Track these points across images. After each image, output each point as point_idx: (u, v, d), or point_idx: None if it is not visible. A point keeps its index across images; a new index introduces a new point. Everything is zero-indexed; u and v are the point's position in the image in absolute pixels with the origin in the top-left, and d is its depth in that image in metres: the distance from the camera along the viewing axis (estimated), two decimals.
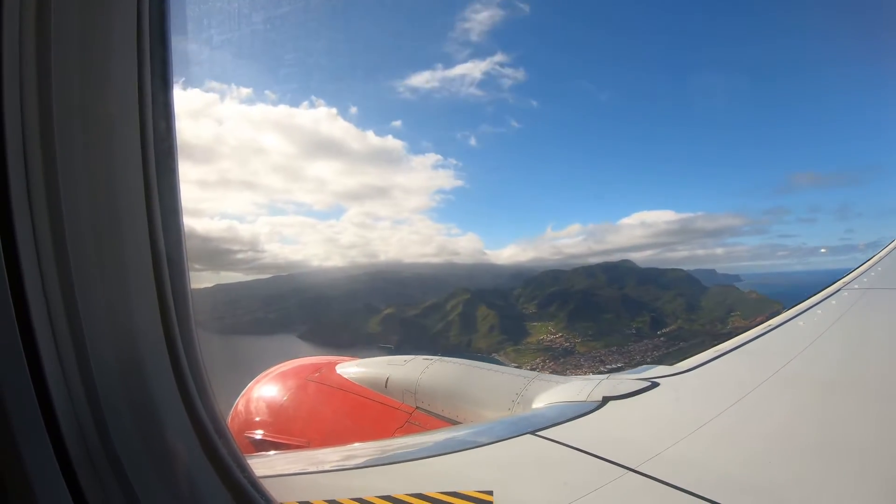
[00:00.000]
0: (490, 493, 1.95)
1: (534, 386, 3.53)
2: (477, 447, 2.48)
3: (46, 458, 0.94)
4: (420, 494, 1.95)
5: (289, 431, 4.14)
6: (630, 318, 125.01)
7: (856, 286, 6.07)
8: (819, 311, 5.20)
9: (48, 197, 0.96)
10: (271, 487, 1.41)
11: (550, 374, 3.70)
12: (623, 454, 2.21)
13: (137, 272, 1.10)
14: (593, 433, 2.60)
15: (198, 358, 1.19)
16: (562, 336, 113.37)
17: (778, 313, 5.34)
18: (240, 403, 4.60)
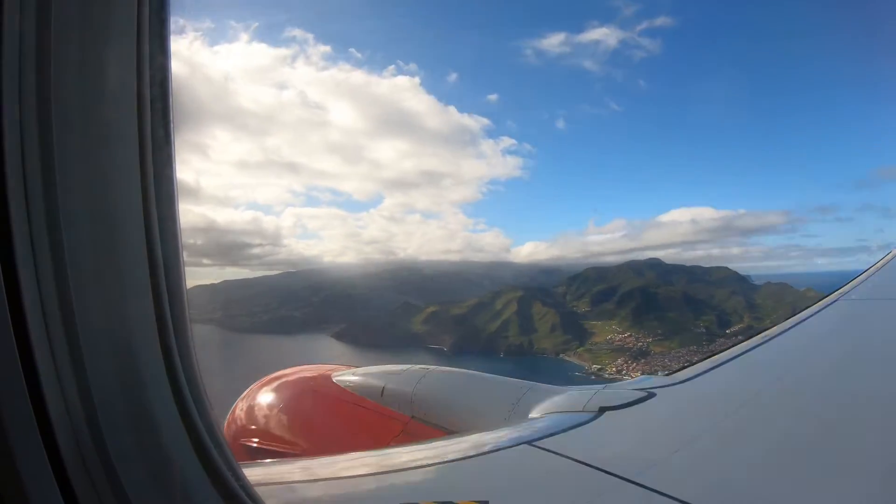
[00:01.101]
0: (486, 503, 1.93)
1: (530, 395, 3.51)
2: (472, 457, 2.47)
3: (40, 463, 0.93)
4: None
5: (284, 439, 4.11)
6: (694, 316, 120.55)
7: (854, 297, 6.07)
8: (817, 322, 5.14)
9: (46, 202, 0.96)
10: (266, 495, 1.41)
11: (546, 384, 3.65)
12: (620, 465, 2.19)
13: (134, 277, 1.09)
14: (590, 444, 2.59)
15: (193, 364, 1.19)
16: (630, 336, 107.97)
17: None
18: (235, 410, 4.56)
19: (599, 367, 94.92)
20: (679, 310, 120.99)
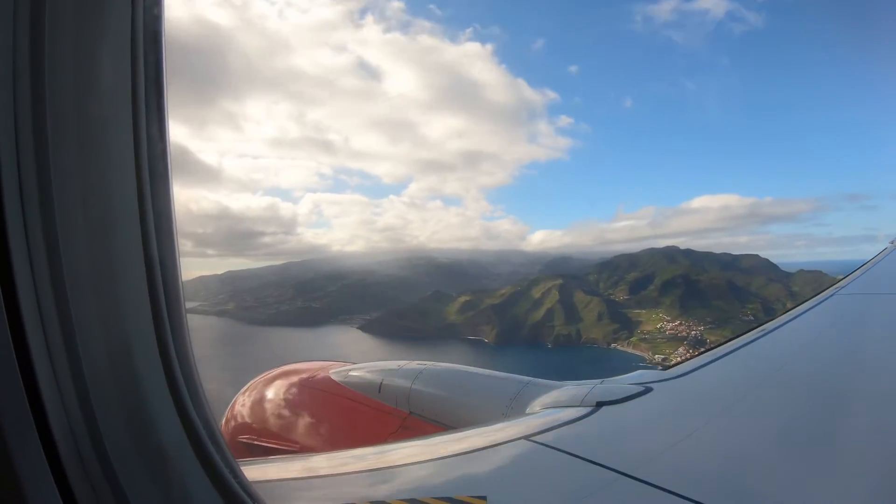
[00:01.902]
0: (484, 498, 1.95)
1: (527, 391, 3.53)
2: (470, 452, 2.48)
3: (38, 462, 0.93)
4: (414, 500, 1.95)
5: (282, 436, 4.12)
6: (740, 304, 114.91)
7: (849, 291, 6.17)
8: (813, 316, 5.21)
9: (41, 200, 0.96)
10: (264, 492, 1.41)
11: (544, 379, 3.67)
12: (617, 459, 2.21)
13: (130, 275, 1.09)
14: (587, 438, 2.61)
15: (190, 361, 1.19)
16: (681, 324, 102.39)
17: None
18: (233, 407, 4.58)
19: (662, 356, 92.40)
20: (724, 298, 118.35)
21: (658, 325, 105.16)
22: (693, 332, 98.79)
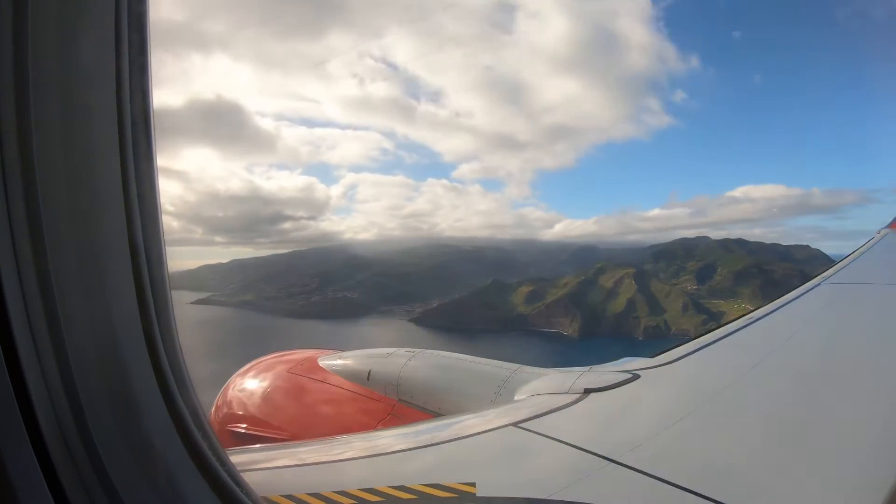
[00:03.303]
0: (473, 484, 1.97)
1: (516, 378, 3.54)
2: (459, 439, 2.50)
3: (27, 456, 0.93)
4: (403, 487, 1.97)
5: (271, 425, 4.11)
6: None
7: (835, 280, 6.28)
8: (799, 306, 5.30)
9: (25, 189, 0.94)
10: (253, 481, 1.42)
11: (532, 367, 3.69)
12: (604, 445, 2.24)
13: (115, 264, 1.08)
14: (575, 425, 2.64)
15: (177, 352, 1.19)
16: None
17: None
18: (222, 397, 4.56)
19: None
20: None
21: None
22: None
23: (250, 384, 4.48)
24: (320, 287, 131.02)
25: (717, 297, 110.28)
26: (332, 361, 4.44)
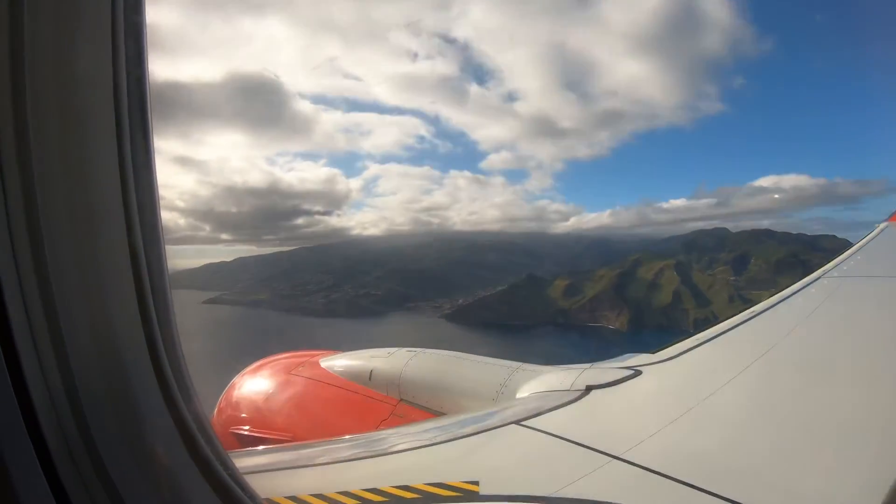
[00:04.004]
0: (476, 483, 1.97)
1: (517, 376, 3.53)
2: (462, 438, 2.50)
3: (28, 459, 0.93)
4: (406, 486, 1.98)
5: (273, 426, 4.11)
6: None
7: (836, 274, 6.30)
8: (800, 300, 5.31)
9: (24, 195, 0.94)
10: (257, 483, 1.42)
11: (533, 364, 3.68)
12: (607, 442, 2.24)
13: (115, 268, 1.08)
14: (577, 422, 2.64)
15: (178, 354, 1.19)
16: None
17: None
18: (224, 399, 4.57)
19: None
20: None
21: None
22: None
23: (252, 386, 4.50)
24: (337, 284, 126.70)
25: (757, 288, 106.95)
26: (334, 362, 4.46)
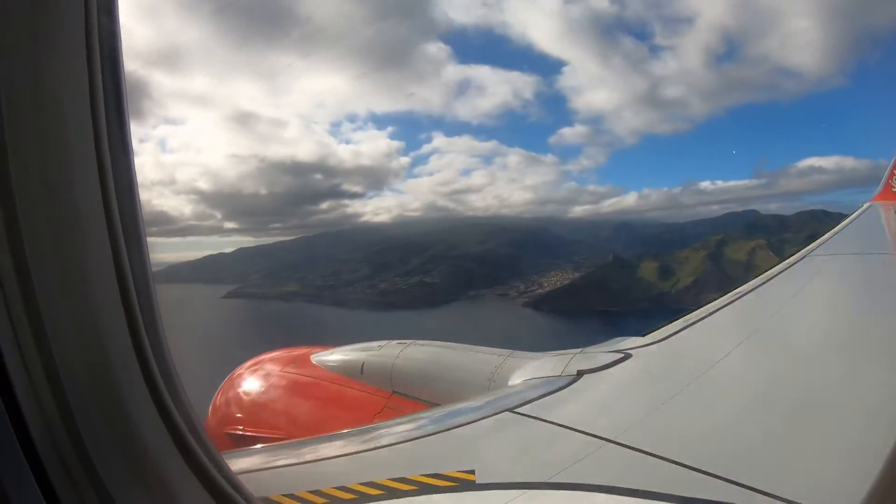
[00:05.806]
0: (472, 471, 1.99)
1: (509, 364, 3.56)
2: (455, 428, 2.51)
3: (18, 464, 0.92)
4: (402, 478, 1.99)
5: (267, 424, 4.13)
6: None
7: (819, 253, 6.41)
8: (785, 280, 5.38)
9: (3, 201, 0.93)
10: (251, 482, 1.43)
11: (524, 351, 3.72)
12: (600, 426, 2.27)
13: (98, 271, 1.07)
14: (570, 407, 2.66)
15: (166, 354, 1.18)
16: None
17: None
18: (217, 399, 4.58)
19: None
20: None
21: None
22: None
23: (244, 385, 4.51)
24: (376, 272, 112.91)
25: None
26: (325, 357, 4.47)
